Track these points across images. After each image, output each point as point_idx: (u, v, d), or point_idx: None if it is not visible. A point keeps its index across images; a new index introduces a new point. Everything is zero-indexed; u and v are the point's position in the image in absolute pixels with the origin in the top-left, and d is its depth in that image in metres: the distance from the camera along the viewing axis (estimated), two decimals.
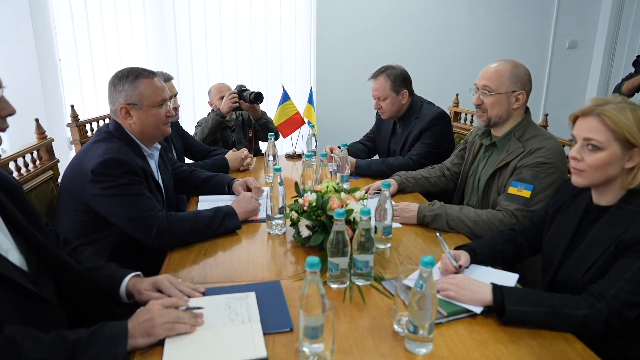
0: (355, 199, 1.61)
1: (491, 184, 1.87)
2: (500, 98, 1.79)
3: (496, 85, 1.79)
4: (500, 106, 1.80)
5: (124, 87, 1.65)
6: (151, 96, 1.67)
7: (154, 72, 1.72)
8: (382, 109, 2.58)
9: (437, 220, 1.74)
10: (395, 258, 1.53)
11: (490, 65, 1.82)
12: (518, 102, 1.79)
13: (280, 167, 1.72)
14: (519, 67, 1.79)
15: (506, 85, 1.78)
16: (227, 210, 1.72)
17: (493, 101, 1.80)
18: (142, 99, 1.66)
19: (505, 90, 1.78)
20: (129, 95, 1.65)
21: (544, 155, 1.69)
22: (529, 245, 1.51)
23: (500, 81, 1.78)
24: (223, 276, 1.41)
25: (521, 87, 1.78)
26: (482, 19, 4.12)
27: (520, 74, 1.77)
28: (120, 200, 1.55)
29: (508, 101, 1.79)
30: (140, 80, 1.66)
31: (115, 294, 1.30)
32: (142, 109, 1.67)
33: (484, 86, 1.82)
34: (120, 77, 1.66)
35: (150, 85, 1.68)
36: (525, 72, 1.79)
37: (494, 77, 1.79)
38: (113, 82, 1.67)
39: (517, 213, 1.67)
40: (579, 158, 1.23)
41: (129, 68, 1.69)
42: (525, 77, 1.78)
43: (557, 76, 4.38)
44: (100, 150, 1.58)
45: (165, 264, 1.49)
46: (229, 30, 3.81)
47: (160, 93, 1.70)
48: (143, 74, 1.68)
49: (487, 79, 1.80)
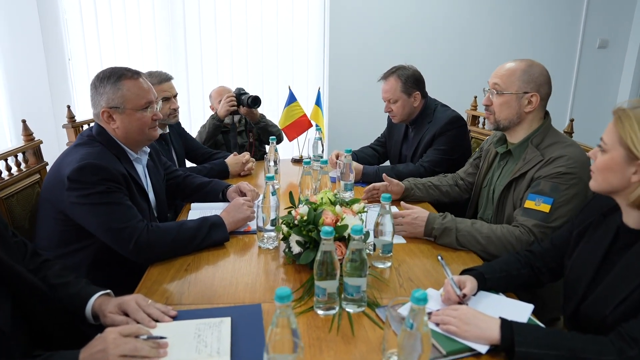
0: (353, 212, 1.47)
1: (506, 196, 1.69)
2: (509, 99, 1.62)
3: (506, 84, 1.62)
4: (509, 108, 1.63)
5: (105, 89, 1.54)
6: (134, 99, 1.56)
7: (139, 72, 1.61)
8: (392, 112, 2.42)
9: (446, 234, 1.57)
10: (394, 279, 1.37)
11: (505, 64, 1.66)
12: (531, 105, 1.61)
13: (273, 176, 1.59)
14: (534, 67, 1.61)
15: (517, 85, 1.61)
16: (215, 221, 1.59)
17: (501, 102, 1.64)
18: (125, 102, 1.55)
19: (516, 91, 1.61)
20: (111, 98, 1.54)
21: (565, 165, 1.51)
22: (549, 270, 1.33)
23: (511, 80, 1.61)
24: (201, 296, 1.28)
25: (534, 89, 1.60)
26: (504, 16, 3.88)
27: (534, 73, 1.60)
28: (96, 210, 1.44)
29: (518, 103, 1.62)
30: (122, 82, 1.55)
31: (82, 315, 1.19)
32: (125, 113, 1.56)
33: (494, 84, 1.66)
34: (102, 79, 1.55)
35: (134, 87, 1.56)
36: (542, 72, 1.61)
37: (505, 76, 1.63)
38: (94, 83, 1.56)
39: (535, 230, 1.49)
40: (592, 158, 1.12)
41: (112, 68, 1.58)
42: (541, 77, 1.60)
43: (585, 78, 4.10)
44: (78, 155, 1.48)
45: (142, 280, 1.37)
46: (240, 30, 3.71)
47: (145, 95, 1.59)
48: (126, 74, 1.56)
49: (498, 77, 1.65)
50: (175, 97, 2.39)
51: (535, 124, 1.66)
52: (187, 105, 3.78)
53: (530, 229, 1.49)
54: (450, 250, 1.56)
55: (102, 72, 1.57)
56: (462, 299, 1.14)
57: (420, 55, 3.73)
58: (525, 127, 1.67)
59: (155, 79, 2.30)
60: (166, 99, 2.32)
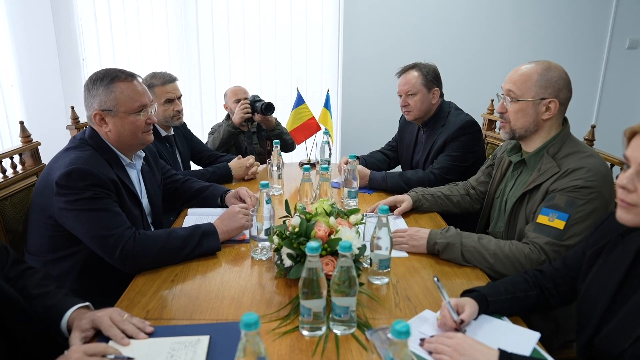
0: (349, 224, 1.37)
1: (519, 209, 1.56)
2: (525, 106, 1.49)
3: (521, 90, 1.49)
4: (525, 116, 1.50)
5: (97, 91, 1.49)
6: (127, 102, 1.51)
7: (134, 74, 1.56)
8: (409, 107, 2.28)
9: (450, 250, 1.46)
10: (391, 298, 1.27)
11: (520, 67, 1.52)
12: (549, 112, 1.48)
13: (268, 183, 1.51)
14: (552, 70, 1.47)
15: (533, 91, 1.48)
16: (207, 229, 1.52)
17: (517, 109, 1.51)
18: (117, 105, 1.50)
19: (533, 97, 1.48)
20: (103, 101, 1.50)
21: (584, 177, 1.38)
22: (559, 293, 1.21)
23: (527, 85, 1.48)
24: (183, 311, 1.21)
25: (553, 94, 1.47)
26: (525, 15, 3.70)
27: (552, 77, 1.46)
28: (83, 216, 1.39)
29: (536, 110, 1.49)
30: (116, 84, 1.50)
31: (57, 328, 1.14)
32: (118, 116, 1.51)
33: (508, 91, 1.53)
34: (95, 80, 1.51)
35: (128, 89, 1.52)
36: (561, 75, 1.47)
37: (520, 81, 1.50)
38: (87, 85, 1.52)
39: (547, 248, 1.36)
40: (630, 188, 0.92)
41: (106, 69, 1.54)
42: (560, 82, 1.47)
43: (613, 81, 3.88)
44: (67, 159, 1.43)
45: (126, 291, 1.31)
46: (253, 31, 3.66)
47: (139, 98, 1.54)
48: (120, 76, 1.52)
49: (512, 82, 1.52)
50: (179, 99, 2.34)
51: (552, 132, 1.53)
52: (199, 105, 3.76)
53: (542, 247, 1.37)
54: (454, 265, 1.45)
55: (96, 74, 1.53)
56: (459, 326, 1.04)
57: (436, 56, 3.55)
58: (543, 135, 1.54)
59: (159, 80, 2.26)
60: (170, 100, 2.28)
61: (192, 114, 3.75)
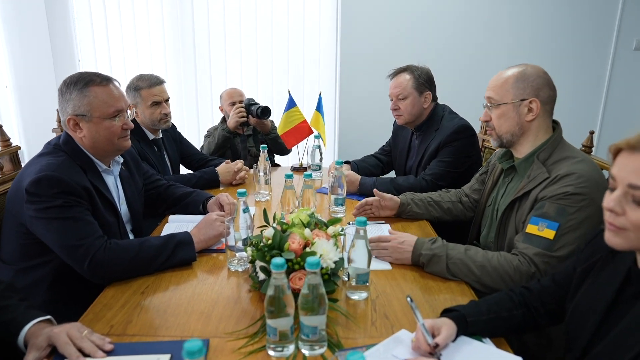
0: (327, 235, 1.31)
1: (508, 217, 1.49)
2: (506, 109, 1.46)
3: (499, 94, 1.47)
4: (508, 120, 1.47)
5: (71, 95, 1.44)
6: (102, 106, 1.46)
7: (109, 78, 1.51)
8: (399, 111, 2.22)
9: (435, 262, 1.39)
10: (367, 315, 1.20)
11: (499, 74, 1.50)
12: (532, 112, 1.44)
13: (245, 192, 1.45)
14: (527, 70, 1.45)
15: (512, 93, 1.44)
16: (182, 238, 1.47)
17: (499, 114, 1.48)
18: (91, 110, 1.45)
19: (512, 99, 1.45)
20: (77, 106, 1.45)
21: (574, 184, 1.30)
22: (547, 312, 1.13)
23: (504, 89, 1.45)
24: (148, 326, 1.15)
25: (532, 94, 1.42)
26: (526, 15, 3.59)
27: (529, 76, 1.43)
28: (52, 225, 1.34)
29: (517, 112, 1.45)
30: (90, 88, 1.45)
31: (14, 344, 1.08)
32: (92, 121, 1.46)
33: (489, 98, 1.51)
34: (68, 85, 1.45)
35: (103, 94, 1.46)
36: (538, 74, 1.44)
37: (497, 86, 1.48)
38: (61, 89, 1.47)
39: (537, 259, 1.29)
40: (618, 211, 0.84)
41: (80, 73, 1.48)
42: (538, 80, 1.43)
43: (619, 84, 3.75)
44: (38, 166, 1.39)
45: (93, 303, 1.26)
46: (249, 32, 3.61)
47: (114, 103, 1.48)
48: (95, 80, 1.46)
49: (491, 89, 1.50)
50: (167, 102, 2.30)
51: (541, 136, 1.47)
52: (195, 107, 3.72)
53: (531, 259, 1.30)
54: (439, 279, 1.38)
55: (70, 78, 1.48)
56: (433, 350, 0.97)
57: (435, 58, 3.50)
58: (531, 140, 1.48)
59: (145, 83, 2.22)
60: (156, 103, 2.24)
61: (188, 115, 3.71)
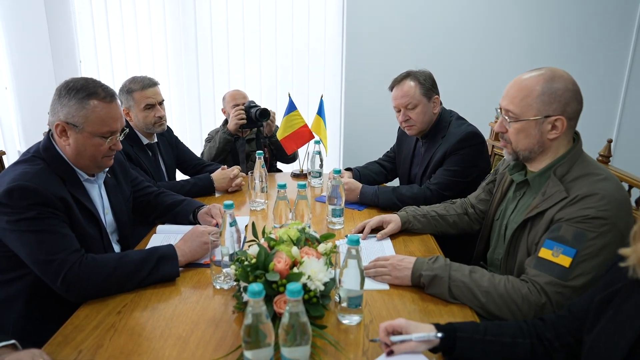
0: (318, 254, 1.21)
1: (520, 237, 1.36)
2: (527, 126, 1.28)
3: (521, 108, 1.28)
4: (528, 137, 1.30)
5: (70, 101, 1.35)
6: (97, 123, 1.37)
7: (114, 94, 1.42)
8: (410, 121, 2.06)
9: (436, 284, 1.28)
10: (358, 343, 1.09)
11: (519, 78, 1.31)
12: (555, 130, 1.27)
13: (233, 204, 1.35)
14: (556, 81, 1.25)
15: (535, 109, 1.26)
16: (165, 252, 1.37)
17: (517, 130, 1.30)
18: (85, 123, 1.36)
19: (535, 115, 1.27)
20: (72, 114, 1.36)
21: (596, 206, 1.17)
22: (563, 346, 1.01)
23: (526, 102, 1.27)
24: (119, 352, 1.06)
25: (559, 110, 1.25)
26: (538, 15, 3.42)
27: (557, 90, 1.24)
28: (24, 238, 1.26)
29: (539, 130, 1.28)
30: (91, 101, 1.36)
31: None
32: (82, 134, 1.37)
33: (507, 111, 1.32)
34: (69, 89, 1.36)
35: (102, 111, 1.38)
36: (567, 87, 1.25)
37: (518, 98, 1.28)
38: (60, 90, 1.38)
39: (549, 289, 1.16)
40: None
41: (86, 80, 1.39)
42: (567, 94, 1.24)
43: (638, 87, 3.59)
44: (12, 175, 1.30)
45: (64, 325, 1.17)
46: (253, 34, 3.52)
47: (111, 123, 1.40)
48: (99, 94, 1.37)
49: (510, 99, 1.30)
50: (161, 104, 2.21)
51: (561, 150, 1.32)
52: (198, 109, 3.64)
53: (543, 288, 1.16)
54: (440, 302, 1.27)
55: (74, 82, 1.38)
56: None
57: (442, 61, 3.39)
58: (550, 155, 1.33)
59: (138, 85, 2.13)
60: (150, 106, 2.15)
61: (190, 117, 3.64)
